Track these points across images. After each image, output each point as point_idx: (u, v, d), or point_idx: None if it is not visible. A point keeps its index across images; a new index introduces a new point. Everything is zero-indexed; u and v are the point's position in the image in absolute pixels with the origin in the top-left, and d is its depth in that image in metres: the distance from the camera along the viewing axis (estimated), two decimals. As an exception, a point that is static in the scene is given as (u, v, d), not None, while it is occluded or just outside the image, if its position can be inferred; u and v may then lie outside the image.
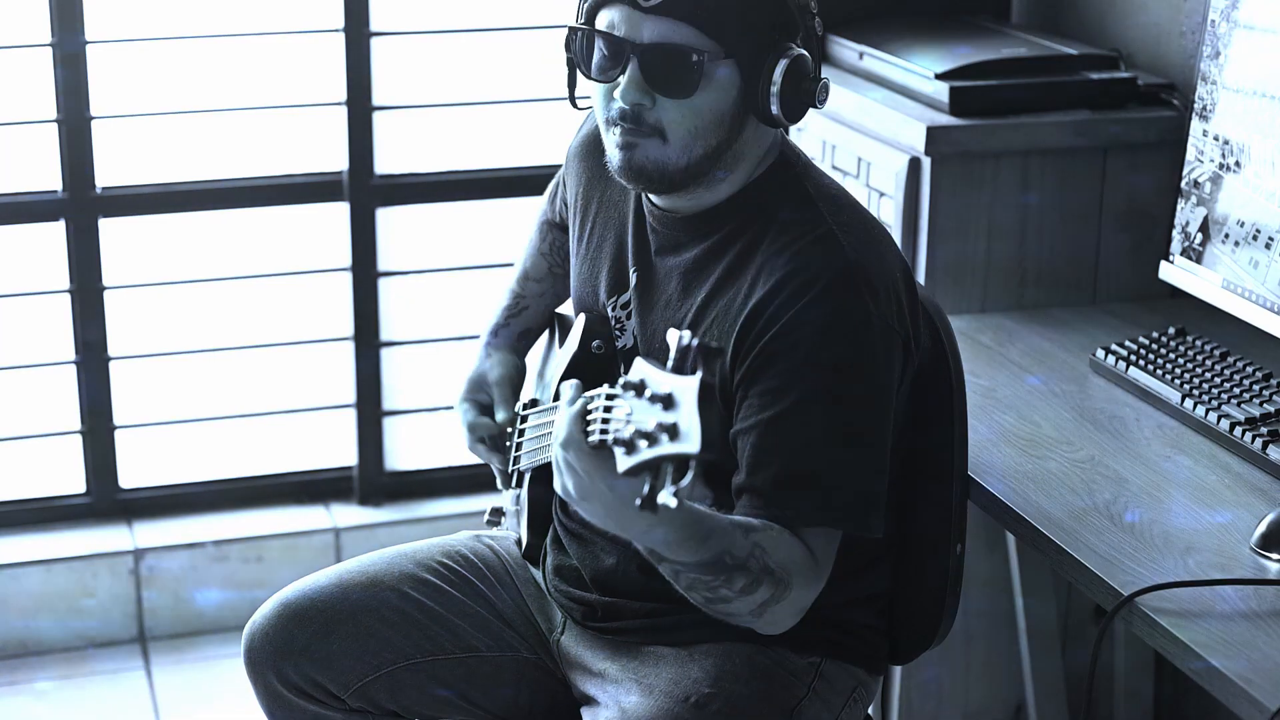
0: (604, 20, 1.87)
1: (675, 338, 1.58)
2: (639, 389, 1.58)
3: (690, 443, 1.51)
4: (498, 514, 2.33)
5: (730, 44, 1.84)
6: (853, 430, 1.85)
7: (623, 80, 1.85)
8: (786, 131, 1.96)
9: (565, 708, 2.12)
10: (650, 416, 1.55)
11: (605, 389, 1.65)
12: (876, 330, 1.86)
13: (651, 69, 1.84)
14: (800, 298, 1.84)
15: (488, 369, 2.27)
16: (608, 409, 1.64)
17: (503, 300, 2.34)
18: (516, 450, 2.23)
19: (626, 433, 1.57)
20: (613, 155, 1.91)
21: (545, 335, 2.34)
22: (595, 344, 2.06)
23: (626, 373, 2.00)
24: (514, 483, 2.24)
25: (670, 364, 1.57)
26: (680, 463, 1.53)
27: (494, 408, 2.25)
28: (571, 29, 1.91)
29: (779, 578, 1.82)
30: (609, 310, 2.06)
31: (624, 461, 1.57)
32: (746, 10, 1.83)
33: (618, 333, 2.05)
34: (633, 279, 2.02)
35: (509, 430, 2.25)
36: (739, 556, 1.80)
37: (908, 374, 1.94)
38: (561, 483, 1.71)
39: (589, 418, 1.67)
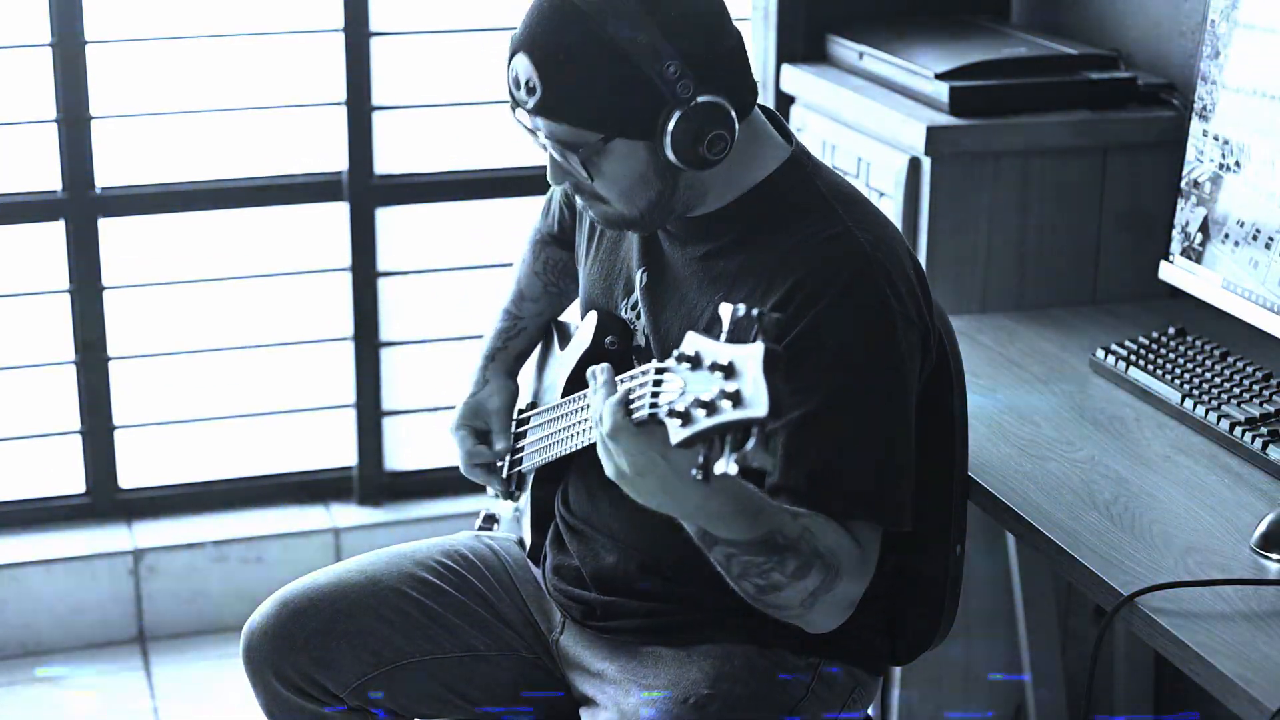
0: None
1: (729, 310, 1.56)
2: (694, 361, 1.56)
3: (757, 407, 1.49)
4: (490, 520, 2.33)
5: (607, 128, 1.84)
6: (882, 426, 1.86)
7: (547, 165, 1.93)
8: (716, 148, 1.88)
9: (564, 708, 2.12)
10: (709, 386, 1.53)
11: (654, 364, 1.64)
12: (899, 325, 1.86)
13: (554, 158, 1.90)
14: (822, 296, 1.84)
15: (485, 397, 2.27)
16: (657, 384, 1.62)
17: (497, 322, 2.33)
18: (515, 454, 2.23)
19: (681, 404, 1.55)
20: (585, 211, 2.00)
21: (543, 337, 2.34)
22: (609, 340, 2.05)
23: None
24: (514, 486, 2.24)
25: (725, 335, 1.56)
26: (740, 430, 1.52)
27: (492, 436, 2.25)
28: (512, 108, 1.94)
29: (828, 563, 1.81)
30: (621, 312, 2.06)
31: (679, 433, 1.55)
32: (611, 97, 1.83)
33: (631, 332, 2.05)
34: (641, 279, 2.02)
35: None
36: (790, 536, 1.79)
37: (926, 368, 1.94)
38: (614, 465, 1.70)
39: (632, 397, 1.66)
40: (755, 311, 1.54)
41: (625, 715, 1.96)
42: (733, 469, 1.51)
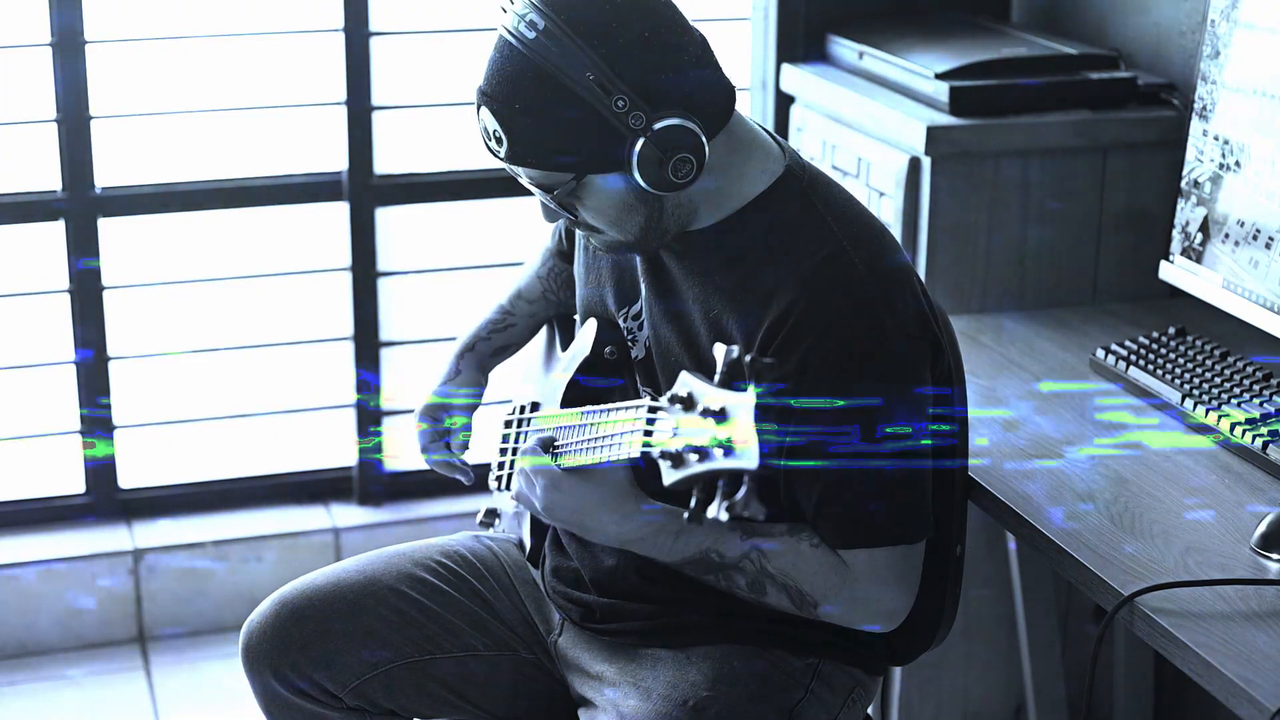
0: None
1: (723, 351, 1.57)
2: (687, 403, 1.58)
3: (748, 458, 1.51)
4: (492, 515, 2.33)
5: (576, 167, 1.85)
6: (885, 447, 1.86)
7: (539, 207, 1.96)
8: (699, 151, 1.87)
9: (563, 708, 2.12)
10: (702, 431, 1.54)
11: (646, 401, 1.65)
12: (895, 345, 1.86)
13: (540, 200, 1.92)
14: (815, 324, 1.84)
15: (451, 391, 2.28)
16: (650, 422, 1.64)
17: (488, 314, 2.33)
18: (516, 454, 2.22)
19: (674, 446, 1.56)
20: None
21: (545, 335, 2.34)
22: (608, 350, 2.06)
23: (638, 382, 2.01)
24: (509, 483, 2.23)
25: (718, 378, 1.56)
26: (733, 478, 1.53)
27: (451, 433, 2.27)
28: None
29: (783, 584, 1.86)
30: (620, 322, 2.06)
31: (670, 475, 1.57)
32: (572, 137, 1.83)
33: (630, 343, 2.05)
34: (644, 291, 2.02)
35: (505, 432, 2.25)
36: (730, 556, 1.83)
37: (939, 375, 1.95)
38: (542, 503, 1.80)
39: (621, 430, 1.68)
40: (748, 357, 1.55)
41: (624, 717, 1.96)
42: (723, 516, 1.52)
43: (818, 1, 3.01)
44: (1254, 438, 2.13)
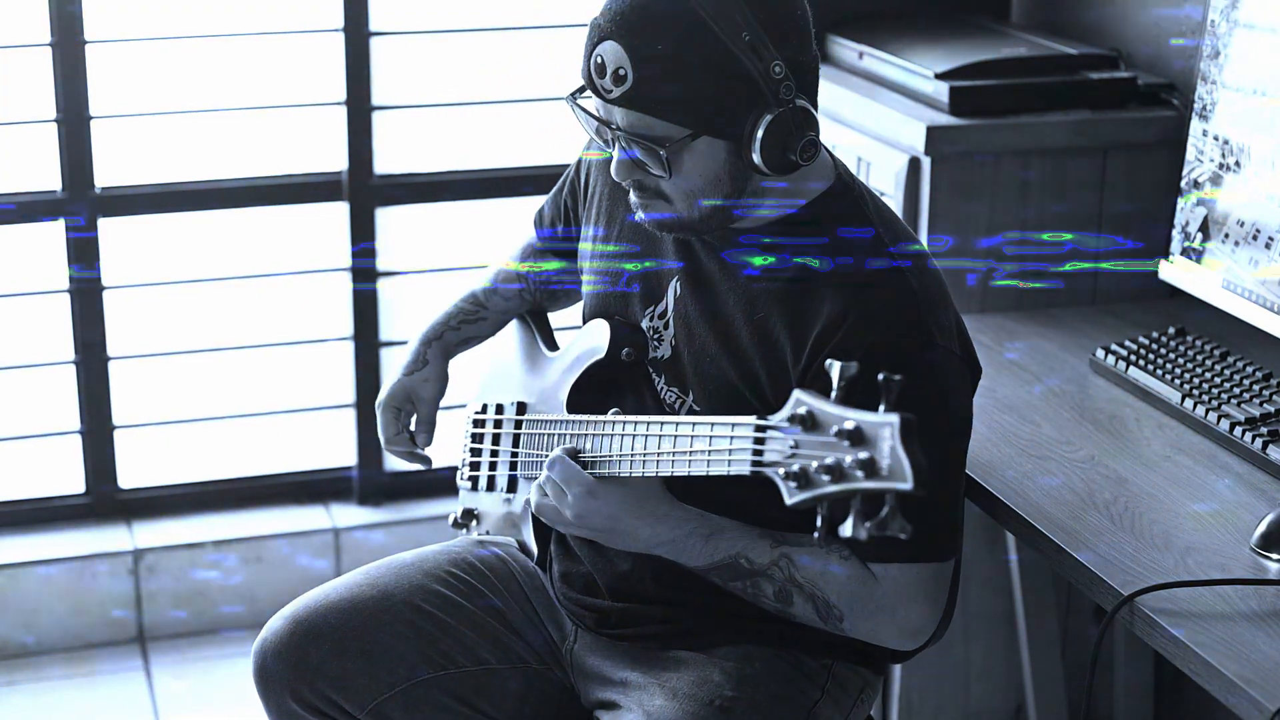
0: (591, 99, 1.88)
1: (838, 368, 1.55)
2: (807, 422, 1.56)
3: (900, 479, 1.49)
4: (469, 516, 2.27)
5: (698, 124, 1.82)
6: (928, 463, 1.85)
7: (613, 157, 1.88)
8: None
9: (574, 718, 2.12)
10: (833, 452, 1.53)
11: (753, 419, 1.64)
12: (942, 360, 1.85)
13: (629, 152, 1.85)
14: (868, 335, 1.83)
15: (418, 382, 2.27)
16: (759, 440, 1.62)
17: (458, 302, 2.31)
18: (497, 456, 2.20)
19: (797, 466, 1.55)
20: (634, 211, 1.94)
21: (519, 334, 2.31)
22: (626, 351, 2.03)
23: (664, 382, 1.99)
24: (491, 485, 2.21)
25: (835, 395, 1.55)
26: (869, 497, 1.51)
27: (417, 424, 2.27)
28: (571, 95, 1.91)
29: (809, 594, 1.86)
30: (644, 320, 2.04)
31: (795, 495, 1.56)
32: (707, 94, 1.80)
33: (655, 343, 2.02)
34: (676, 289, 2.00)
35: (478, 432, 2.23)
36: (759, 562, 1.82)
37: (974, 388, 1.95)
38: (574, 512, 1.78)
39: (716, 447, 1.67)
40: (881, 376, 1.52)
41: (650, 714, 1.95)
42: (862, 534, 1.52)
43: (818, 1, 3.00)
44: (1254, 438, 2.13)
